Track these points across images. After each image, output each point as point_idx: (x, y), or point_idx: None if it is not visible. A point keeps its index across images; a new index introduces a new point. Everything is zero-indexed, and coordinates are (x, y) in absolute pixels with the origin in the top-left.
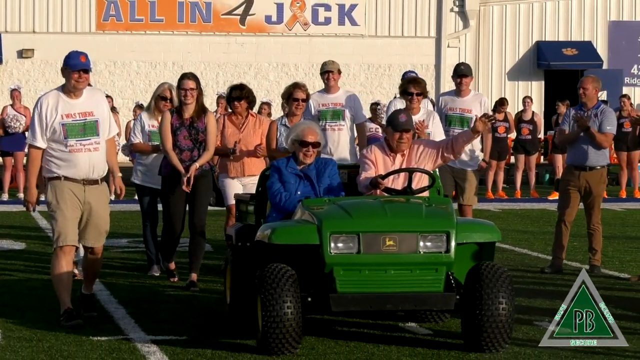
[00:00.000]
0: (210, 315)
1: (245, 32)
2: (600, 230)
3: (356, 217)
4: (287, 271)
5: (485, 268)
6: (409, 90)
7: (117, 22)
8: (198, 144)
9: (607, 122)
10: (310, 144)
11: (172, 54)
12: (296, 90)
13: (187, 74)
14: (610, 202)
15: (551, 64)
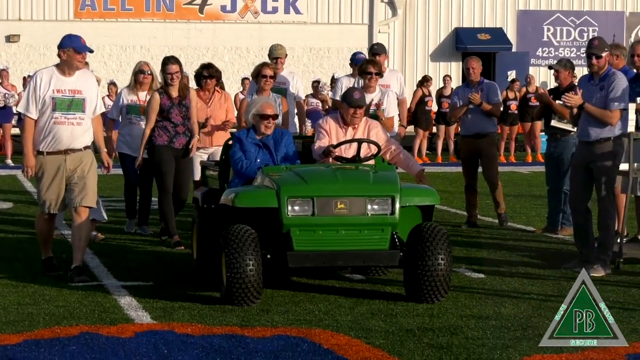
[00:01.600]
0: (175, 266)
1: (204, 20)
2: (500, 186)
3: (311, 183)
4: (249, 231)
5: (426, 228)
6: (368, 70)
7: (92, 11)
8: (187, 119)
9: (493, 95)
10: (270, 117)
11: (140, 38)
12: (264, 68)
13: (171, 58)
14: (518, 165)
15: (468, 47)
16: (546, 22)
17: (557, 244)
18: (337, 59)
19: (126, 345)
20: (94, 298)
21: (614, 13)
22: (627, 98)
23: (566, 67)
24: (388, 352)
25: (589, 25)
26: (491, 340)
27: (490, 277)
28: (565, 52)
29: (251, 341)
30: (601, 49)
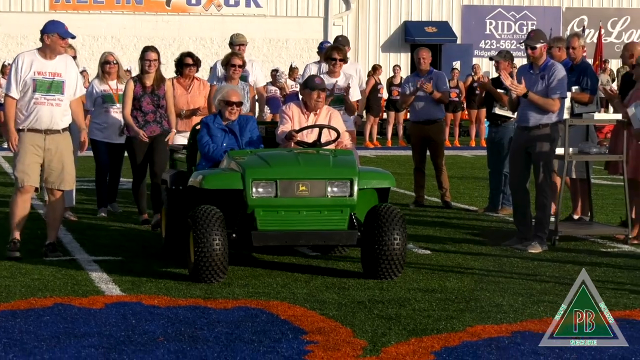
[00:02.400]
0: (143, 242)
1: (170, 12)
2: (445, 171)
3: (274, 166)
4: (215, 212)
5: (382, 209)
6: (333, 56)
7: (66, 3)
8: (159, 108)
9: (442, 83)
10: (234, 103)
11: (111, 29)
12: (233, 57)
13: (150, 47)
14: (462, 149)
15: (416, 39)
16: (488, 16)
17: (498, 223)
18: (295, 49)
19: (97, 315)
20: (67, 272)
21: (551, 8)
22: (566, 87)
23: (506, 58)
24: (341, 322)
25: (528, 20)
26: (437, 312)
27: (436, 254)
28: (506, 44)
29: (213, 312)
30: (536, 40)
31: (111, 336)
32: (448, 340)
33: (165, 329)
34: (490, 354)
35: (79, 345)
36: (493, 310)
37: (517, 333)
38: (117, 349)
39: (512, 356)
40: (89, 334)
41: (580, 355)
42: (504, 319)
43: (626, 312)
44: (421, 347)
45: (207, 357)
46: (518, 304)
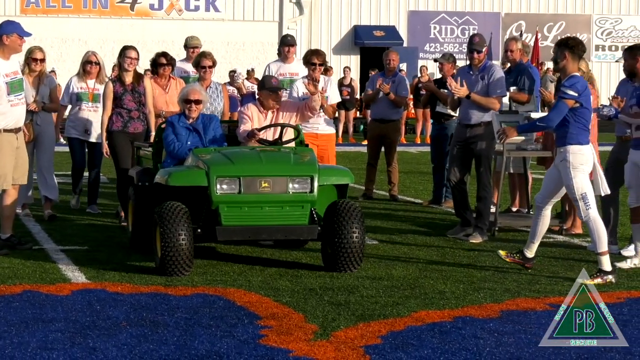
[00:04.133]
0: (108, 232)
1: (134, 16)
2: (396, 168)
3: (237, 163)
4: (181, 208)
5: (342, 204)
6: (312, 60)
7: (36, 8)
8: (141, 105)
9: (402, 88)
10: (192, 101)
11: (78, 32)
12: (203, 59)
13: (130, 46)
14: (408, 146)
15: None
16: (433, 21)
17: (441, 215)
18: (252, 51)
19: (63, 302)
20: (35, 260)
21: (491, 14)
22: (505, 86)
23: (449, 60)
24: (293, 308)
25: (469, 24)
26: (383, 298)
27: (383, 244)
28: (449, 47)
29: (174, 299)
30: (482, 45)
31: (77, 321)
32: (394, 325)
33: (127, 315)
34: (434, 337)
35: (47, 330)
36: (436, 297)
37: (458, 318)
38: (82, 334)
39: (453, 340)
40: (56, 319)
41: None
42: (447, 305)
43: (561, 298)
44: (369, 332)
45: (167, 341)
46: (460, 290)
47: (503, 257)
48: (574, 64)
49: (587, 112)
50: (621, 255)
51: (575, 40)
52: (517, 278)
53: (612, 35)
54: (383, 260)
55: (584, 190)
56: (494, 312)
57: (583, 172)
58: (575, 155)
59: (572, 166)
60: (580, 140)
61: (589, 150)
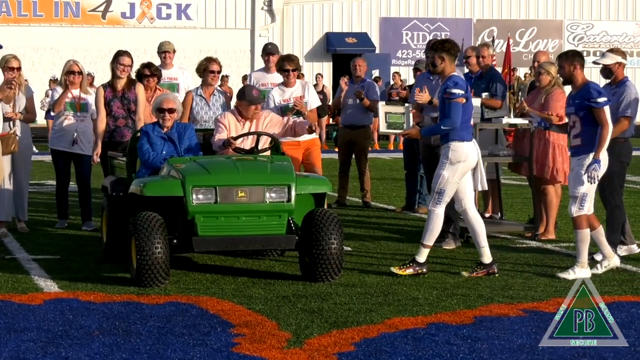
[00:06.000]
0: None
1: (106, 25)
2: (368, 174)
3: (213, 173)
4: (157, 218)
5: (319, 213)
6: (285, 67)
7: (7, 17)
8: (130, 112)
9: (372, 92)
10: (166, 110)
11: (50, 41)
12: (211, 63)
13: (124, 52)
14: (381, 152)
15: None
16: (405, 27)
17: (415, 221)
18: (225, 58)
19: (36, 311)
20: (7, 270)
21: (463, 20)
22: None
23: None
24: (267, 316)
25: (441, 31)
26: (357, 305)
27: (357, 250)
28: (421, 53)
29: (146, 307)
30: None
31: (49, 331)
32: (367, 332)
33: (100, 324)
34: (407, 344)
35: (19, 340)
36: (409, 304)
37: (432, 324)
38: (54, 343)
39: (427, 346)
40: (28, 328)
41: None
42: (420, 311)
43: (534, 304)
44: (342, 339)
45: (139, 349)
46: (433, 297)
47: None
48: (452, 65)
49: (469, 109)
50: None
51: (449, 42)
52: (490, 284)
53: (584, 41)
54: (356, 267)
55: (444, 187)
56: (468, 318)
57: (456, 170)
58: (455, 153)
59: (450, 161)
60: (463, 136)
61: (470, 148)
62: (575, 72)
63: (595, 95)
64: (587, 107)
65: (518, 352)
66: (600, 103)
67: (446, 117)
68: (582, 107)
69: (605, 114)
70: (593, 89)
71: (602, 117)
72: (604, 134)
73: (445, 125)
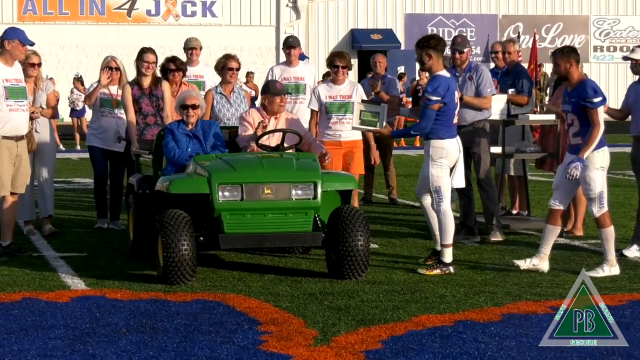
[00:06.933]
0: (107, 239)
1: (131, 22)
2: (393, 170)
3: (239, 170)
4: (183, 216)
5: (345, 211)
6: (335, 63)
7: (33, 15)
8: (159, 109)
9: (392, 88)
10: (189, 106)
11: (76, 39)
12: (230, 60)
13: (149, 49)
14: (407, 149)
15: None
16: (430, 23)
17: None
18: (249, 56)
19: (63, 309)
20: (35, 267)
21: (488, 16)
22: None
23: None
24: (293, 313)
25: (467, 27)
26: (383, 303)
27: (383, 248)
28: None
29: (173, 305)
30: (464, 45)
31: (76, 328)
32: (394, 329)
33: (127, 321)
34: (434, 342)
35: (46, 337)
36: (437, 301)
37: (459, 322)
38: (82, 340)
39: (454, 344)
40: (55, 326)
41: (519, 343)
42: (447, 309)
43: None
44: (369, 337)
45: (167, 347)
46: (460, 294)
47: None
48: (439, 63)
49: (450, 109)
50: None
51: (435, 38)
52: (518, 281)
53: (610, 36)
54: (383, 264)
55: (438, 183)
56: (495, 315)
57: (440, 165)
58: (435, 149)
59: (432, 159)
60: (441, 135)
61: (450, 144)
62: (571, 69)
63: (591, 94)
64: (582, 106)
65: (546, 349)
66: (595, 103)
67: (418, 122)
68: (579, 106)
69: (598, 115)
70: (589, 87)
71: (594, 117)
72: (594, 134)
73: (415, 130)
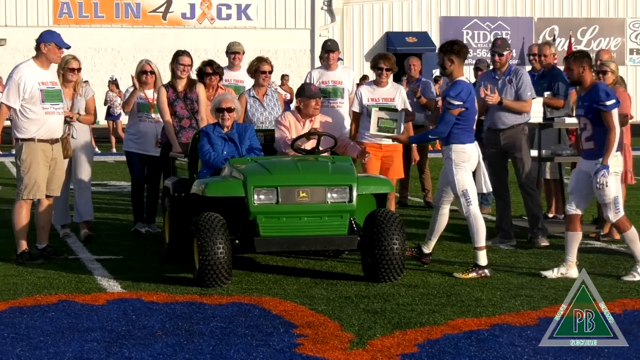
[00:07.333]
0: (142, 241)
1: (167, 25)
2: (429, 173)
3: (275, 173)
4: (218, 219)
5: (381, 214)
6: (380, 65)
7: (69, 18)
8: (194, 112)
9: (428, 91)
10: (225, 109)
11: (111, 42)
12: (262, 63)
13: (184, 52)
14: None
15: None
16: (465, 26)
17: None
18: (284, 59)
19: (99, 311)
20: (71, 270)
21: (524, 19)
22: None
23: (487, 67)
24: (329, 316)
25: (502, 30)
26: (419, 306)
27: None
28: (482, 53)
29: (209, 308)
30: (503, 48)
31: (112, 331)
32: (430, 333)
33: (163, 324)
34: (471, 345)
35: (82, 340)
36: (473, 305)
37: (495, 326)
38: (118, 343)
39: (491, 348)
40: (91, 328)
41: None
42: (483, 312)
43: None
44: (405, 340)
45: (202, 350)
46: (497, 298)
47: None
48: (460, 68)
49: (471, 114)
50: None
51: (458, 44)
52: (554, 285)
53: None
54: (419, 267)
55: (465, 186)
56: (532, 319)
57: (464, 169)
58: (458, 154)
59: (455, 164)
60: (463, 139)
61: (472, 149)
62: (584, 73)
63: (603, 97)
64: (596, 109)
65: (583, 353)
66: (608, 106)
67: (436, 127)
68: (592, 110)
69: (613, 117)
70: (602, 91)
71: (609, 120)
72: (612, 138)
73: (433, 135)
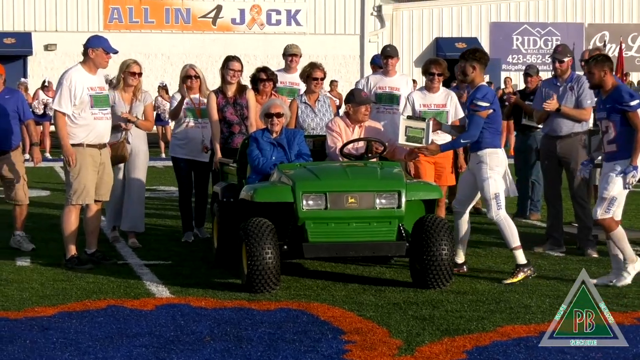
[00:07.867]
0: (191, 247)
1: (217, 31)
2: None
3: (323, 179)
4: (267, 224)
5: (429, 220)
6: (431, 70)
7: (119, 23)
8: (243, 118)
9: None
10: (273, 115)
11: (161, 47)
12: (315, 70)
13: (235, 57)
14: None
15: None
16: (515, 32)
17: (526, 228)
18: (333, 64)
19: (147, 316)
20: (119, 275)
21: (574, 24)
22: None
23: (537, 73)
24: (377, 323)
25: (552, 35)
26: (468, 313)
27: (468, 257)
28: (532, 58)
29: (257, 313)
30: (564, 54)
31: (161, 336)
32: (479, 340)
33: (211, 329)
34: (520, 352)
35: (131, 345)
36: (522, 311)
37: (545, 333)
38: (166, 348)
39: (540, 355)
40: (140, 334)
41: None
42: (533, 319)
43: None
44: (454, 347)
45: (251, 356)
46: (546, 305)
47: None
48: (481, 75)
49: (498, 117)
50: None
51: (480, 51)
52: (604, 292)
53: None
54: (467, 274)
55: (497, 190)
56: None
57: (498, 173)
58: (492, 157)
59: (489, 167)
60: (495, 143)
61: (503, 153)
62: (606, 77)
63: (627, 98)
64: (619, 110)
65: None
66: (633, 106)
67: (466, 130)
68: (615, 111)
69: (639, 118)
70: (625, 92)
71: (636, 120)
72: (639, 138)
73: (464, 139)
